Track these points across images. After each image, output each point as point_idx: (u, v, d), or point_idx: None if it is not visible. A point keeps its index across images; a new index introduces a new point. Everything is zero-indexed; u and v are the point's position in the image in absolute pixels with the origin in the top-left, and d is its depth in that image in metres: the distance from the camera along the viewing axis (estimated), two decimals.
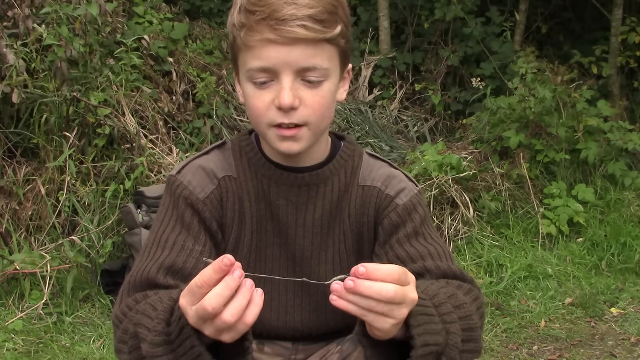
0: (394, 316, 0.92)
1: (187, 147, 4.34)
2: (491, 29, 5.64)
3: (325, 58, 1.10)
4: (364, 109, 5.27)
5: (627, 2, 5.49)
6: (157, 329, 0.96)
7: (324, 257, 1.24)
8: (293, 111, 1.10)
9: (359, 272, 0.90)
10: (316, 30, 1.06)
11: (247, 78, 1.12)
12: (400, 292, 0.91)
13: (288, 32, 1.05)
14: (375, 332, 0.95)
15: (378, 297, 0.89)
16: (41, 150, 3.82)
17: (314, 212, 1.23)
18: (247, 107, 1.16)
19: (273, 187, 1.22)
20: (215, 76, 4.89)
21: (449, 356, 0.99)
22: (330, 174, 1.23)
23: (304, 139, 1.14)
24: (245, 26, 1.08)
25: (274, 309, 1.24)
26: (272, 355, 1.29)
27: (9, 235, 3.48)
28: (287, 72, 1.08)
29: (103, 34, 4.23)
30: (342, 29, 1.11)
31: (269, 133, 1.14)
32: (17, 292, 3.23)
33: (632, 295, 3.44)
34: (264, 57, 1.08)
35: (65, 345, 2.94)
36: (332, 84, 1.14)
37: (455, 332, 1.01)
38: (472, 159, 4.37)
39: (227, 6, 5.98)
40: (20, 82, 3.67)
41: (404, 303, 0.92)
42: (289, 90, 1.08)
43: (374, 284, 0.89)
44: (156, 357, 0.96)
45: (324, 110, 1.14)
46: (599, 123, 4.41)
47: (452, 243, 3.87)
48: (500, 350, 2.93)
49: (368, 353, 1.00)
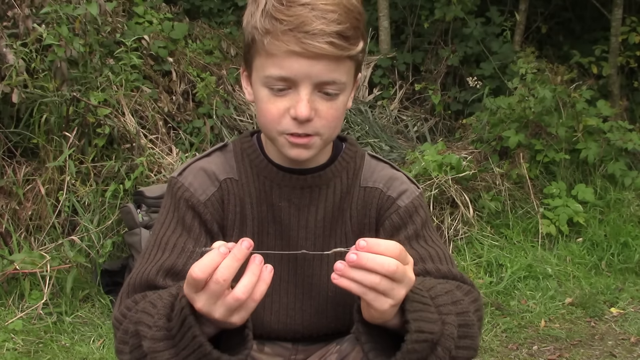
0: (393, 296, 0.92)
1: (187, 147, 4.34)
2: (491, 29, 5.64)
3: (344, 73, 1.10)
4: (364, 109, 5.27)
5: (627, 2, 5.49)
6: (158, 324, 0.96)
7: (326, 258, 1.24)
8: (307, 122, 1.10)
9: (360, 245, 0.91)
10: (342, 47, 1.06)
11: (264, 83, 1.11)
12: (401, 268, 0.91)
13: (314, 47, 1.04)
14: (372, 314, 0.95)
15: (380, 269, 0.90)
16: (41, 150, 3.82)
17: (316, 214, 1.23)
18: (259, 110, 1.15)
19: (275, 189, 1.21)
20: (215, 76, 4.89)
21: (444, 346, 0.99)
22: (332, 176, 1.23)
23: (315, 148, 1.14)
24: (270, 34, 1.06)
25: (275, 311, 1.24)
26: (272, 356, 1.29)
27: (9, 235, 3.48)
28: (306, 84, 1.08)
29: (103, 34, 4.23)
30: (363, 45, 1.12)
31: (279, 139, 1.14)
32: (17, 292, 3.23)
33: (632, 295, 3.45)
34: (285, 67, 1.07)
35: (65, 345, 2.94)
36: (347, 96, 1.15)
37: (451, 324, 1.00)
38: (472, 159, 4.37)
39: (227, 6, 5.99)
40: (20, 82, 3.67)
41: (403, 282, 0.92)
42: (307, 103, 1.08)
43: (376, 257, 0.90)
44: (158, 353, 0.96)
45: (337, 122, 1.15)
46: (598, 123, 4.41)
47: (452, 243, 3.87)
48: (500, 350, 2.93)
49: (366, 348, 0.99)
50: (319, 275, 1.24)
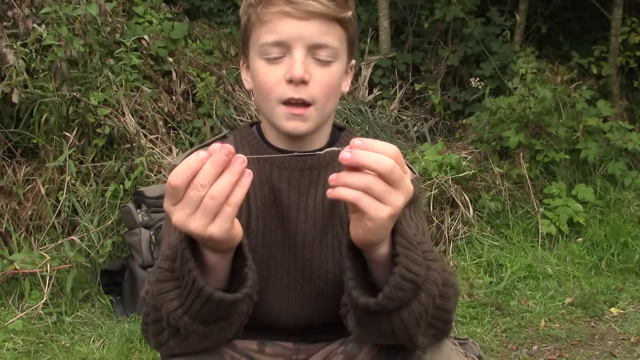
0: (390, 202, 0.87)
1: (187, 147, 4.34)
2: (491, 29, 5.64)
3: (336, 38, 1.14)
4: (364, 109, 5.27)
5: (627, 2, 5.49)
6: (163, 266, 0.97)
7: (325, 240, 1.24)
8: (303, 86, 1.12)
9: (354, 144, 0.86)
10: (330, 7, 1.11)
11: (259, 54, 1.15)
12: (398, 169, 0.87)
13: (304, 5, 1.09)
14: (367, 225, 0.89)
15: (376, 165, 0.85)
16: (41, 150, 3.82)
17: (315, 197, 1.23)
18: (257, 84, 1.18)
19: (275, 171, 1.22)
20: (215, 76, 4.89)
21: (428, 292, 0.96)
22: (331, 159, 1.23)
23: (311, 120, 1.15)
24: (263, 1, 1.12)
25: (276, 291, 1.24)
26: (273, 356, 1.29)
27: (9, 235, 3.48)
28: (299, 46, 1.12)
29: (103, 34, 4.23)
30: (352, 15, 1.16)
31: (276, 110, 1.15)
32: (17, 292, 3.23)
33: (632, 295, 3.45)
34: (278, 31, 1.11)
35: (65, 345, 2.94)
36: (340, 67, 1.17)
37: (436, 270, 0.98)
38: (472, 159, 4.37)
39: (227, 6, 5.99)
40: (20, 82, 3.67)
41: (400, 188, 0.88)
42: (301, 64, 1.11)
43: (371, 153, 0.86)
44: (164, 294, 0.96)
45: (331, 91, 1.16)
46: (598, 123, 4.41)
47: (452, 243, 3.87)
48: (500, 350, 2.93)
49: (350, 284, 0.97)
50: (319, 258, 1.24)
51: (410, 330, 0.98)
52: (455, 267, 3.71)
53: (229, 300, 0.93)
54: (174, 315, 0.95)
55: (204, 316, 0.95)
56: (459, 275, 3.62)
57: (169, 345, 1.04)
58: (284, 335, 1.29)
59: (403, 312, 0.96)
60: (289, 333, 1.29)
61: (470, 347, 1.26)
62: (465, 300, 3.35)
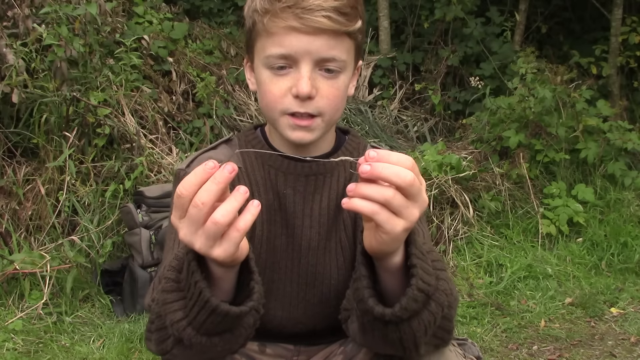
0: (407, 216, 0.86)
1: (187, 147, 4.34)
2: (491, 29, 5.64)
3: (344, 50, 1.12)
4: (364, 109, 5.27)
5: (627, 2, 5.49)
6: (169, 276, 0.95)
7: (329, 246, 1.23)
8: (309, 101, 1.11)
9: (369, 155, 0.84)
10: (340, 22, 1.08)
11: (265, 64, 1.13)
12: (417, 182, 0.85)
13: (313, 21, 1.06)
14: (381, 237, 0.88)
15: (396, 179, 0.83)
16: (41, 150, 3.82)
17: (321, 203, 1.22)
18: (261, 93, 1.16)
19: (280, 177, 1.21)
20: (215, 76, 4.89)
21: (438, 301, 0.95)
22: (335, 165, 1.23)
23: (317, 130, 1.14)
24: (269, 12, 1.09)
25: (279, 298, 1.24)
26: (274, 357, 1.29)
27: (9, 235, 3.48)
28: (307, 61, 1.09)
29: (103, 34, 4.23)
30: (361, 24, 1.13)
31: (281, 120, 1.14)
32: (17, 292, 3.22)
33: (632, 295, 3.45)
34: (285, 45, 1.09)
35: (65, 345, 2.94)
36: (347, 77, 1.16)
37: (445, 280, 0.98)
38: (472, 159, 4.37)
39: (227, 6, 5.99)
40: (20, 82, 3.67)
41: (417, 201, 0.86)
42: (308, 80, 1.09)
43: (391, 166, 0.84)
44: (168, 305, 0.94)
45: (338, 102, 1.15)
46: (598, 123, 4.41)
47: (452, 243, 3.87)
48: (500, 350, 2.93)
49: (367, 293, 0.94)
50: (323, 264, 1.23)
51: (418, 340, 0.97)
52: (455, 267, 3.71)
53: (235, 312, 0.91)
54: (177, 326, 0.94)
55: (208, 328, 0.93)
56: (459, 275, 3.62)
57: (172, 353, 1.03)
58: (286, 339, 1.29)
59: (413, 322, 0.94)
60: (290, 337, 1.29)
61: (469, 347, 1.26)
62: (465, 300, 3.35)
